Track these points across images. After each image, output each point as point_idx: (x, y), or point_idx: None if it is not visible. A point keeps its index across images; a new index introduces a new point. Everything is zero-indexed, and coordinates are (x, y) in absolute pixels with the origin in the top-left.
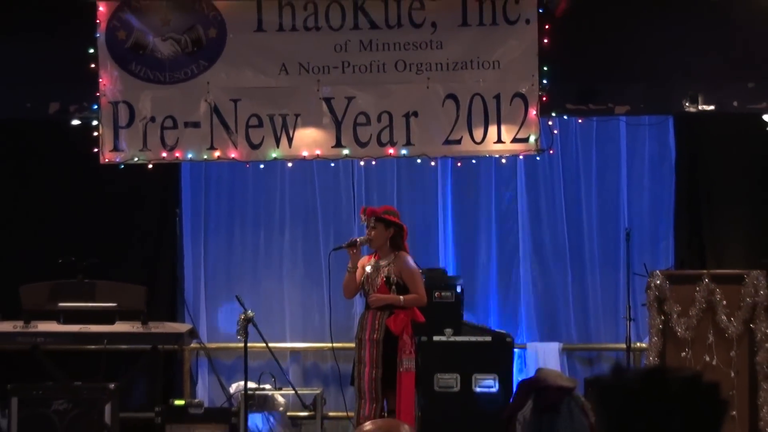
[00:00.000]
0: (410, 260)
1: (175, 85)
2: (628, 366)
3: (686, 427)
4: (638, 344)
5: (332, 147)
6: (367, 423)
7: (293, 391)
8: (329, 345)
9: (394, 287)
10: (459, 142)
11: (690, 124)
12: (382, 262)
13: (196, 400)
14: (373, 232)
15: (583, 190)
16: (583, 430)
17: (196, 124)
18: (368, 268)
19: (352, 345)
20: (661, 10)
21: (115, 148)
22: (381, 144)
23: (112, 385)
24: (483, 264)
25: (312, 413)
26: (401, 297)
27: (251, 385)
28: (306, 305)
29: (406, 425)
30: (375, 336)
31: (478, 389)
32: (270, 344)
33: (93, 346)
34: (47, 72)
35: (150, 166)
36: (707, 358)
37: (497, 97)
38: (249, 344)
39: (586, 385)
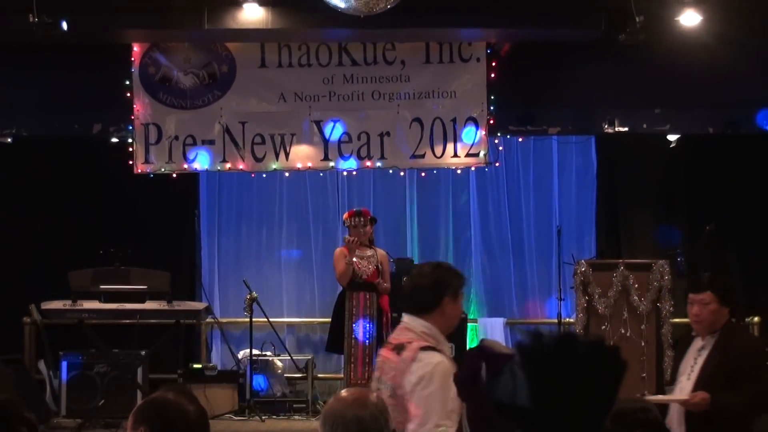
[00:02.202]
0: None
1: (194, 110)
2: (544, 332)
3: (592, 383)
4: (567, 319)
5: (321, 160)
6: (344, 390)
7: (289, 357)
8: (318, 319)
9: (380, 275)
10: (423, 156)
11: (608, 142)
12: (367, 254)
13: (211, 364)
14: (368, 229)
15: (523, 195)
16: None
17: (212, 142)
18: (356, 259)
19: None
20: (585, 51)
21: (146, 161)
22: (360, 158)
23: (143, 352)
24: (442, 254)
25: (304, 375)
26: (387, 285)
27: (255, 351)
28: (299, 288)
29: (374, 393)
30: (369, 312)
31: None
32: (270, 319)
33: (128, 321)
34: (92, 99)
35: (174, 175)
36: (623, 331)
37: (454, 120)
38: (253, 319)
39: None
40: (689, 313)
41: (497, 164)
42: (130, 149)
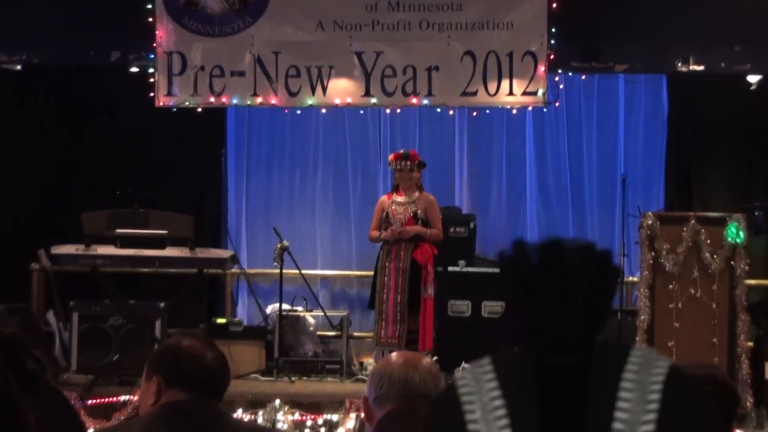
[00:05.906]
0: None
1: (223, 38)
2: (527, 242)
3: (583, 291)
4: (631, 278)
5: (362, 96)
6: (394, 353)
7: (322, 313)
8: (355, 273)
9: (420, 222)
10: (475, 94)
11: (681, 82)
12: (408, 199)
13: (236, 319)
14: (415, 174)
15: (584, 139)
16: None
17: (241, 73)
18: (393, 206)
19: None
20: None
21: (169, 94)
22: (405, 94)
23: (162, 304)
24: (494, 203)
25: (338, 333)
26: (428, 230)
27: (285, 306)
28: (335, 237)
29: (427, 357)
30: (401, 265)
31: (486, 314)
32: (302, 271)
33: (146, 269)
34: (110, 24)
35: (199, 109)
36: (692, 291)
37: (510, 55)
38: (284, 270)
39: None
40: None
41: (557, 104)
42: (152, 80)
